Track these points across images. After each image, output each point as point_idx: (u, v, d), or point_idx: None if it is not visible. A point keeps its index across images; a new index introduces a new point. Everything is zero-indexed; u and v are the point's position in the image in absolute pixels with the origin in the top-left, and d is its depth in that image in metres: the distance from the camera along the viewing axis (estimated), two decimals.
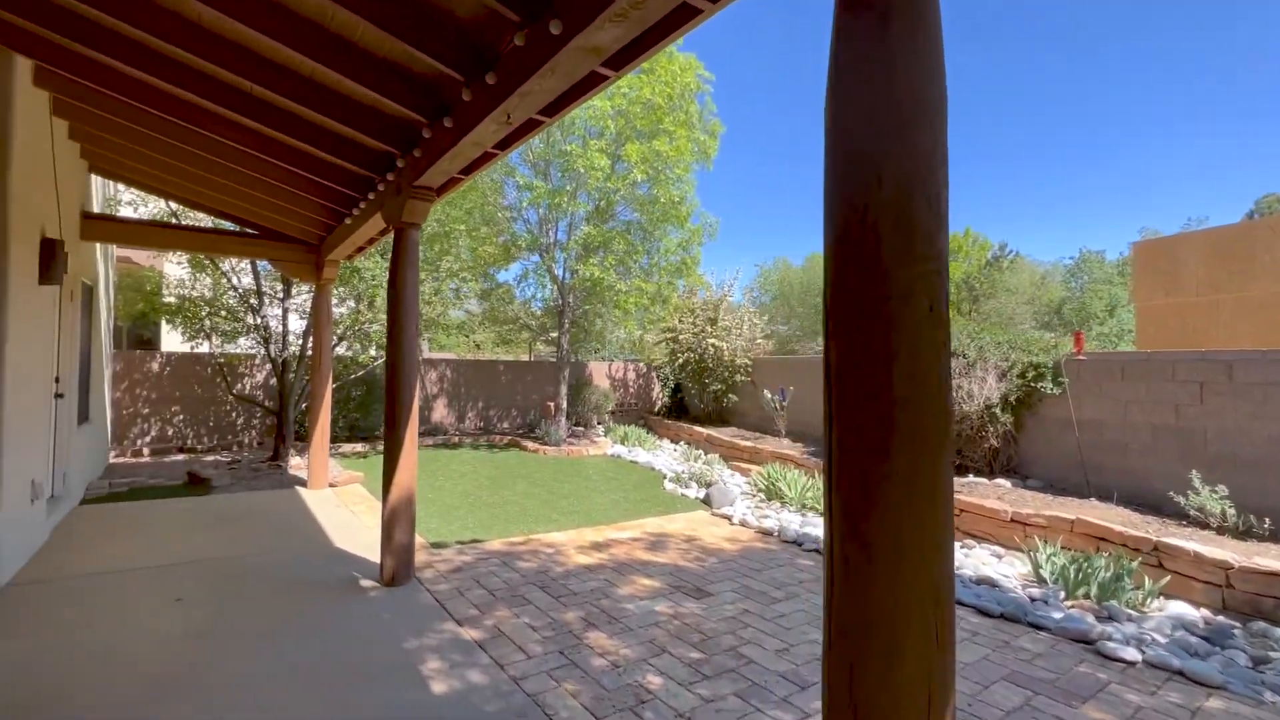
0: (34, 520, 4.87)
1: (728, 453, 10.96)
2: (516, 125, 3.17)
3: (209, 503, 6.61)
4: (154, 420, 10.05)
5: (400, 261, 4.42)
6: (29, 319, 4.61)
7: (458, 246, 9.93)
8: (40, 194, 4.81)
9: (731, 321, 13.33)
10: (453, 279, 10.47)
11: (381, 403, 11.61)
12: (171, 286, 9.08)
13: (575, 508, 7.02)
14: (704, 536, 6.06)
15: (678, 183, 10.14)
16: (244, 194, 6.23)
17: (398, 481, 4.39)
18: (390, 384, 4.41)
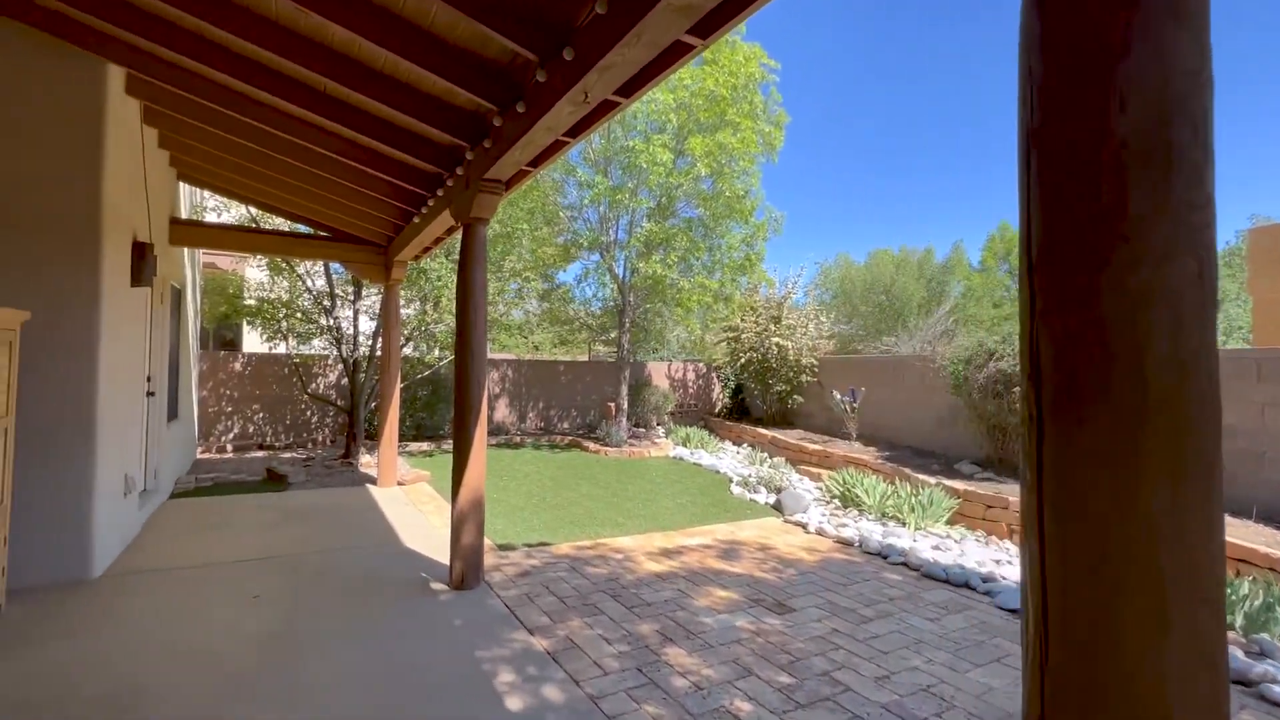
0: (127, 513, 5.06)
1: (795, 456, 10.52)
2: (593, 105, 2.97)
3: (286, 499, 6.77)
4: (236, 418, 10.51)
5: (469, 258, 4.32)
6: (121, 320, 4.78)
7: (520, 246, 9.92)
8: (132, 200, 4.99)
9: (796, 320, 12.85)
10: (515, 278, 10.49)
11: (447, 402, 11.78)
12: (252, 289, 9.46)
13: (641, 511, 6.81)
14: (778, 545, 5.72)
15: (742, 176, 9.79)
16: (317, 196, 6.34)
17: (466, 483, 4.29)
18: (459, 384, 4.31)
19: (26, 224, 4.04)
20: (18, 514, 3.87)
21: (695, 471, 9.47)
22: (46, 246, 4.09)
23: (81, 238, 4.19)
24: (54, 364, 4.09)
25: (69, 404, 4.14)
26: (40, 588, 3.97)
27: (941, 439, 9.57)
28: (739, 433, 13.05)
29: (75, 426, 4.16)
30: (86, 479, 4.21)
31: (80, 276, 4.18)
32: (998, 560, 5.55)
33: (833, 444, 10.53)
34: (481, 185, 4.07)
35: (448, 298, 9.25)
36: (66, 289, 4.14)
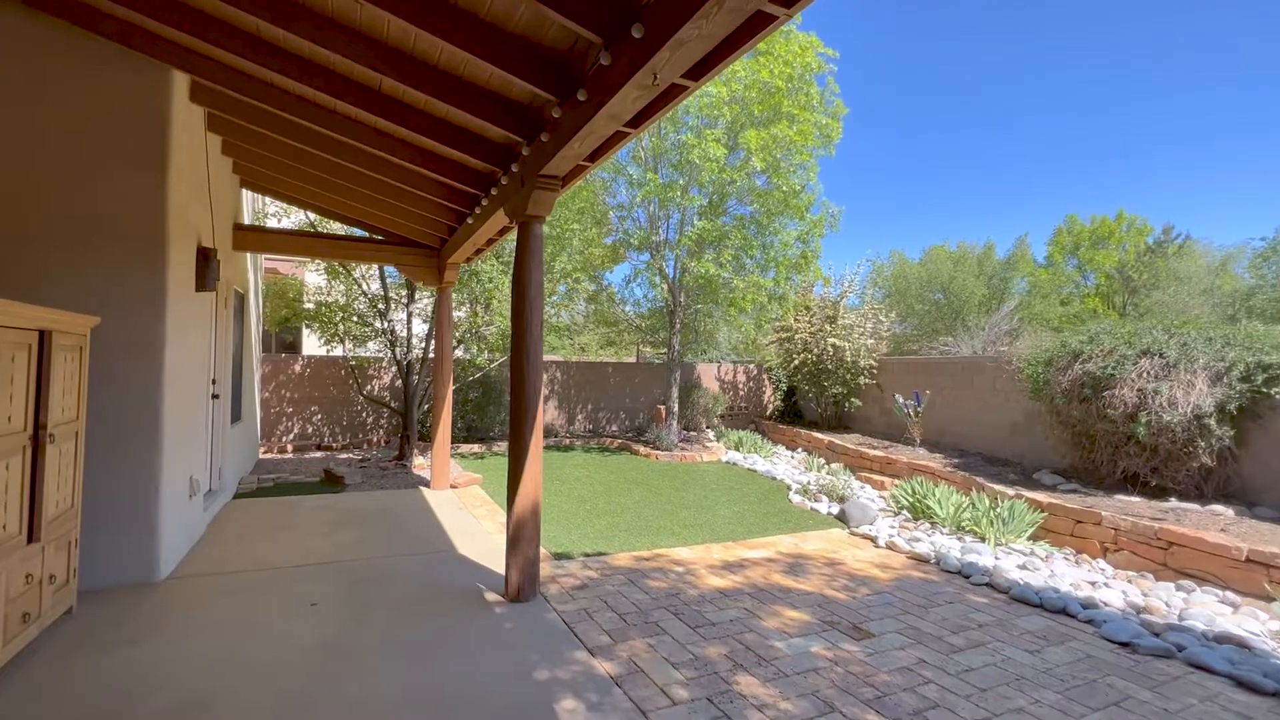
0: (193, 515, 5.13)
1: (854, 462, 10.04)
2: (662, 88, 2.74)
3: (342, 500, 6.81)
4: (296, 419, 10.78)
5: (524, 257, 4.16)
6: (186, 324, 4.84)
7: (570, 247, 9.81)
8: (196, 206, 5.06)
9: (854, 320, 12.32)
10: (565, 279, 10.39)
11: (497, 405, 11.79)
12: (311, 294, 9.66)
13: (698, 520, 6.55)
14: (847, 560, 5.36)
15: (798, 170, 9.40)
16: (372, 200, 6.35)
17: (523, 491, 4.13)
18: (515, 388, 4.16)
19: (93, 231, 4.10)
20: (86, 516, 3.92)
21: (750, 477, 9.14)
22: (113, 253, 4.14)
23: (147, 244, 4.24)
24: (121, 368, 4.14)
25: (135, 407, 4.19)
26: (108, 590, 4.02)
27: (1016, 446, 8.94)
28: (792, 436, 12.62)
29: (141, 430, 4.21)
30: (153, 482, 4.25)
31: (146, 282, 4.23)
32: (1093, 582, 5.04)
33: (895, 450, 10.00)
34: (538, 182, 3.90)
35: (499, 299, 9.21)
36: (133, 294, 4.19)
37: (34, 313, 3.08)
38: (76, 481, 3.68)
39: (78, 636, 3.42)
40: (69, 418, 3.54)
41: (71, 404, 3.58)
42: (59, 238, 4.02)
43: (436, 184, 5.56)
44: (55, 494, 3.39)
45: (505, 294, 9.16)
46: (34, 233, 3.97)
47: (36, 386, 3.20)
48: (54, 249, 4.01)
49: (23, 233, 3.95)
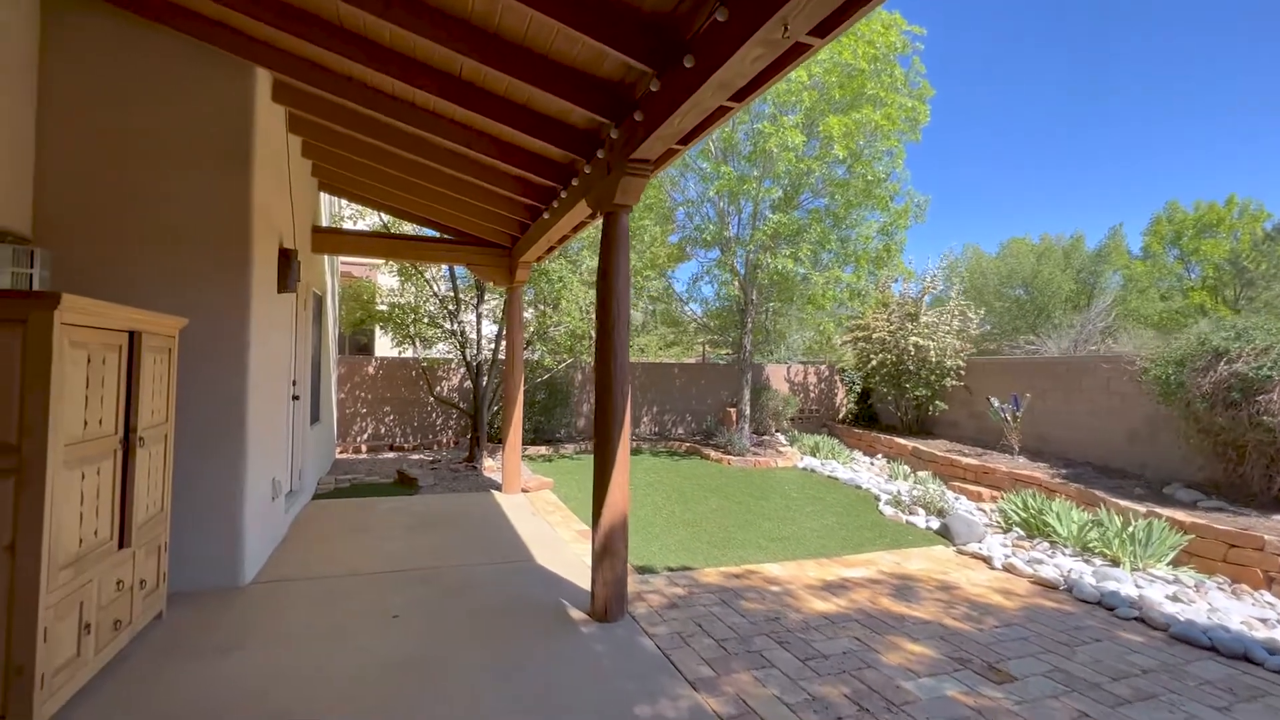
0: (275, 516, 5.11)
1: (943, 470, 9.31)
2: (787, 45, 2.37)
3: (416, 503, 6.74)
4: (369, 419, 10.96)
5: (610, 250, 3.86)
6: (269, 326, 4.81)
7: (641, 242, 9.52)
8: (278, 207, 5.03)
9: (939, 318, 11.50)
10: (635, 277, 10.11)
11: (564, 406, 11.65)
12: (383, 296, 9.77)
13: (783, 532, 6.10)
14: (961, 583, 4.80)
15: (884, 157, 8.76)
16: (445, 198, 6.24)
17: (610, 503, 3.82)
18: (601, 391, 3.86)
19: (180, 231, 4.07)
20: (173, 520, 3.88)
21: (831, 486, 8.58)
22: (199, 253, 4.11)
23: (232, 244, 4.19)
24: (206, 369, 4.10)
25: (221, 409, 4.14)
26: (195, 594, 3.97)
27: (1136, 455, 8.02)
28: (870, 442, 11.91)
29: (227, 432, 4.16)
30: (238, 484, 4.20)
31: (231, 282, 4.18)
32: (1263, 619, 4.31)
33: (989, 458, 9.21)
34: (627, 167, 3.59)
35: (567, 299, 9.02)
36: (218, 295, 4.14)
37: (124, 314, 3.01)
38: (166, 485, 3.63)
39: (167, 644, 3.34)
40: (158, 420, 3.48)
41: (161, 406, 3.53)
42: (147, 238, 4.01)
43: (512, 179, 5.36)
44: (145, 498, 3.32)
45: (574, 293, 8.97)
46: (124, 233, 3.97)
47: (127, 389, 3.13)
48: (142, 249, 4.00)
49: (113, 233, 3.96)
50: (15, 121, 3.66)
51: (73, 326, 2.62)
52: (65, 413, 2.58)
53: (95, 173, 3.95)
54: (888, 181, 8.92)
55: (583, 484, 8.09)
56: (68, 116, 3.90)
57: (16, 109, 3.67)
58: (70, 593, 2.66)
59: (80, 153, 3.92)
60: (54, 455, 2.50)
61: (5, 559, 2.42)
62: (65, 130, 3.89)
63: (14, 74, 3.65)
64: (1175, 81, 44.66)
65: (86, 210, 3.92)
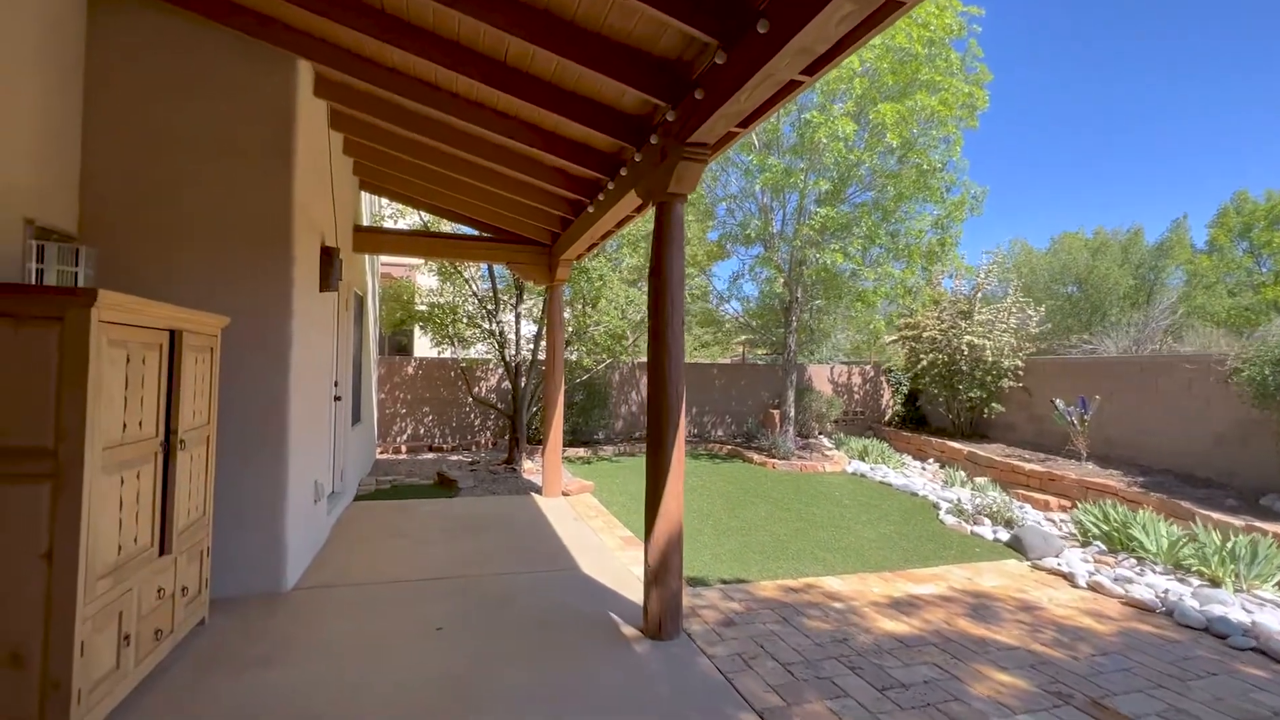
0: (317, 520, 5.02)
1: (1003, 477, 8.79)
2: (880, 3, 2.08)
3: (457, 505, 6.62)
4: (409, 419, 10.96)
5: (664, 243, 3.61)
6: (310, 325, 4.71)
7: None
8: (320, 204, 4.94)
9: (995, 315, 10.91)
10: None
11: (602, 407, 11.46)
12: (423, 296, 9.73)
13: (839, 542, 5.76)
14: (1043, 603, 4.40)
15: (939, 145, 8.30)
16: (486, 194, 6.10)
17: (664, 513, 3.57)
18: (655, 392, 3.61)
19: (220, 228, 3.98)
20: (217, 524, 3.78)
21: (884, 492, 8.16)
22: (240, 250, 4.01)
23: (273, 241, 4.08)
24: (248, 369, 4.00)
25: (262, 410, 4.04)
26: (237, 601, 3.87)
27: (1222, 462, 7.39)
28: (920, 445, 11.39)
29: (268, 433, 4.06)
30: (279, 487, 4.09)
31: (272, 280, 4.07)
32: None
33: (1054, 464, 8.65)
34: (684, 151, 3.33)
35: (606, 298, 8.81)
36: (259, 293, 4.04)
37: (165, 311, 2.89)
38: (208, 489, 3.52)
39: (208, 655, 3.23)
40: (200, 422, 3.37)
41: (203, 407, 3.42)
42: (188, 236, 3.93)
43: (555, 172, 5.16)
44: (186, 502, 3.21)
45: (614, 292, 8.76)
46: (165, 232, 3.90)
47: (168, 390, 3.02)
48: (183, 248, 3.92)
49: (155, 232, 3.89)
50: (62, 119, 3.61)
51: (111, 324, 2.49)
52: (103, 415, 2.46)
53: (138, 170, 3.88)
54: (943, 171, 8.44)
55: (624, 487, 7.86)
56: (113, 114, 3.84)
57: (64, 106, 3.62)
58: (109, 603, 2.54)
59: (124, 150, 3.86)
60: (92, 459, 2.38)
61: (41, 568, 2.30)
62: (110, 128, 3.84)
63: (63, 71, 3.60)
64: (1240, 69, 42.20)
65: (130, 208, 3.86)
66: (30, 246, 3.30)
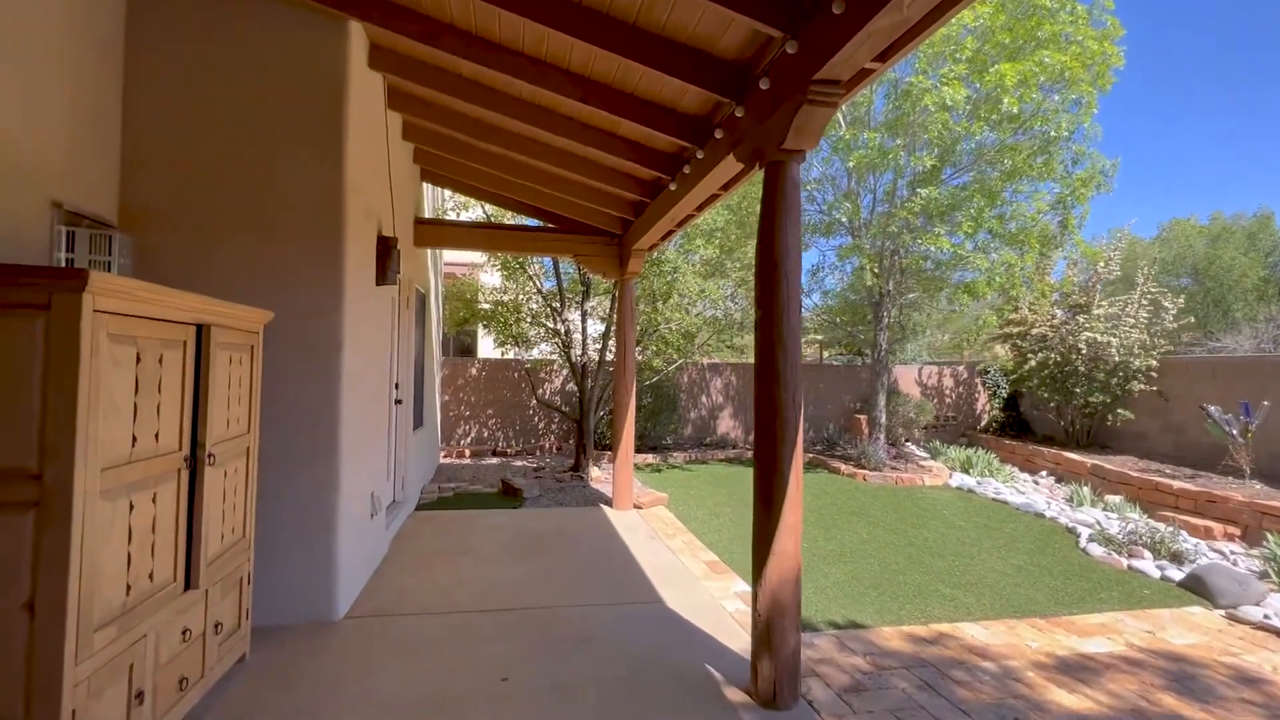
0: (373, 536, 4.59)
1: (1142, 495, 7.54)
2: None
3: (523, 518, 6.11)
4: (472, 423, 10.64)
5: (776, 212, 2.91)
6: (367, 321, 4.27)
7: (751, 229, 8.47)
8: (377, 189, 4.51)
9: (1122, 309, 9.53)
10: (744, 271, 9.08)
11: (670, 411, 10.80)
12: (486, 294, 9.37)
13: (965, 574, 4.85)
14: (1265, 672, 3.40)
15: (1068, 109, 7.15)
16: (553, 178, 5.57)
17: (779, 551, 2.87)
18: (765, 401, 2.91)
19: (264, 215, 3.57)
20: (259, 547, 3.35)
21: (1002, 511, 7.10)
22: (286, 240, 3.59)
23: (323, 227, 3.64)
24: (295, 372, 3.56)
25: (311, 417, 3.59)
26: (282, 631, 3.43)
27: None
28: (1028, 456, 10.12)
29: (318, 443, 3.61)
30: (330, 503, 3.64)
31: (321, 271, 3.63)
32: None
33: (1208, 481, 7.33)
34: (811, 92, 2.60)
35: (679, 293, 8.14)
36: (308, 287, 3.60)
37: (188, 302, 2.42)
38: (249, 507, 3.08)
39: (244, 705, 2.76)
40: (238, 431, 2.93)
41: (242, 414, 2.98)
42: (231, 223, 3.53)
43: (631, 146, 4.55)
44: (220, 525, 2.76)
45: (687, 285, 8.07)
46: (207, 218, 3.52)
47: (195, 395, 2.57)
48: (226, 235, 3.53)
49: (196, 219, 3.51)
50: (97, 97, 3.26)
51: (113, 315, 2.02)
52: (103, 426, 1.99)
53: (181, 154, 3.51)
54: (1071, 140, 7.28)
55: (701, 500, 7.17)
56: (154, 93, 3.49)
57: (99, 83, 3.27)
58: (114, 656, 2.07)
59: (166, 133, 3.50)
60: (86, 482, 1.91)
61: (22, 621, 1.83)
62: (152, 108, 3.49)
63: (99, 45, 3.26)
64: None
65: (172, 195, 3.49)
66: (59, 233, 2.94)
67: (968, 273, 8.41)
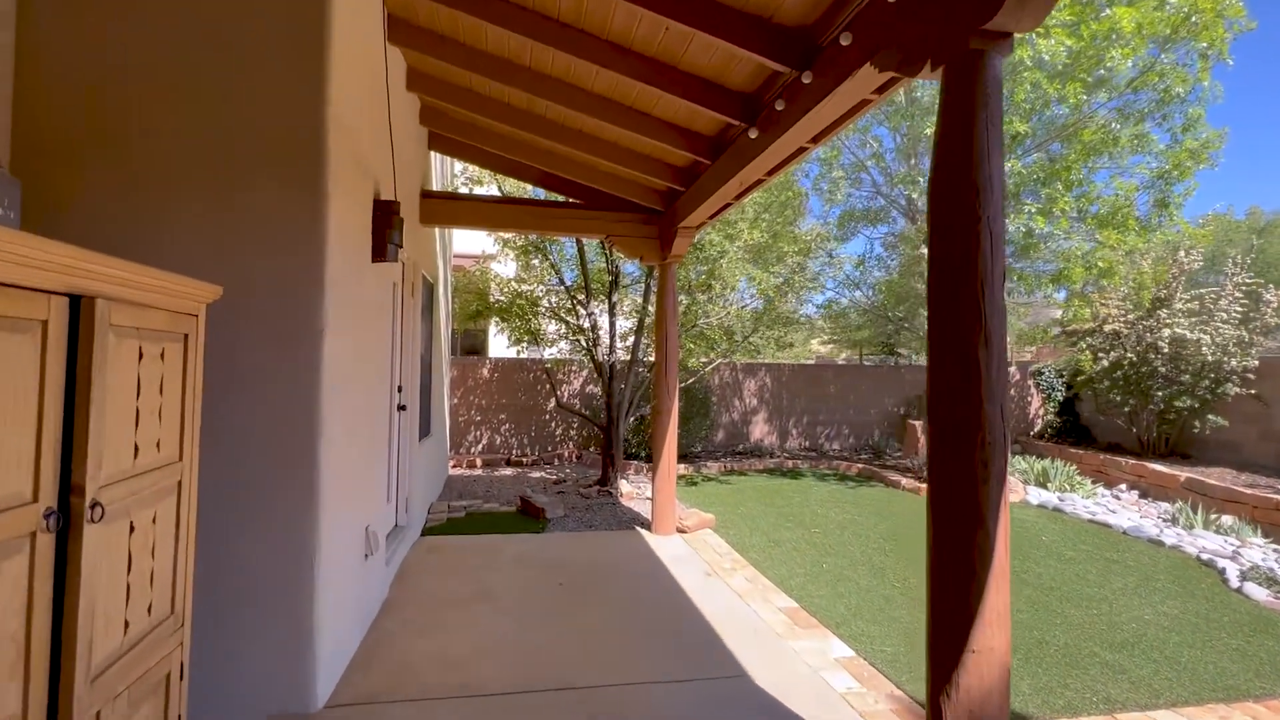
0: (369, 582, 3.61)
1: (1260, 515, 6.54)
2: None
3: (549, 546, 5.14)
4: (484, 428, 9.68)
5: (976, 129, 1.92)
6: (360, 307, 3.31)
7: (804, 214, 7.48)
8: (373, 140, 3.54)
9: (1213, 303, 8.46)
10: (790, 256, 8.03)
11: (703, 415, 9.81)
12: (502, 286, 8.40)
13: (1113, 631, 3.84)
14: None
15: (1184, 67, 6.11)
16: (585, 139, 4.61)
17: (983, 647, 1.87)
18: (954, 414, 1.92)
19: (212, 146, 2.61)
20: (202, 621, 2.38)
21: (1111, 538, 6.05)
22: (243, 184, 2.63)
23: (296, 171, 2.67)
24: (256, 370, 2.60)
25: (279, 433, 2.62)
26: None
27: None
28: (1098, 466, 9.07)
29: (289, 469, 2.64)
30: (305, 550, 2.66)
31: (295, 237, 2.66)
32: None
33: None
34: None
35: (724, 281, 7.15)
36: (275, 250, 2.64)
37: (49, 255, 1.45)
38: (183, 569, 2.11)
39: None
40: (159, 460, 1.95)
41: (168, 435, 2.00)
42: (164, 161, 2.58)
43: (692, 86, 3.56)
44: (123, 608, 1.79)
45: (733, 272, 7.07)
46: (130, 156, 2.56)
47: (65, 410, 1.59)
48: (159, 179, 2.57)
49: (114, 157, 2.55)
50: None
51: None
52: None
53: (98, 69, 2.56)
54: (1187, 103, 6.24)
55: (753, 521, 6.17)
56: None
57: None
58: None
59: (75, 41, 2.55)
60: None
61: None
62: (55, 8, 2.53)
63: None
64: None
65: (87, 126, 2.54)
66: None
67: (1042, 264, 7.37)
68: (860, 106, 2.96)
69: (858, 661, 3.30)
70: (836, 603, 4.13)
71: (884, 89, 2.68)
